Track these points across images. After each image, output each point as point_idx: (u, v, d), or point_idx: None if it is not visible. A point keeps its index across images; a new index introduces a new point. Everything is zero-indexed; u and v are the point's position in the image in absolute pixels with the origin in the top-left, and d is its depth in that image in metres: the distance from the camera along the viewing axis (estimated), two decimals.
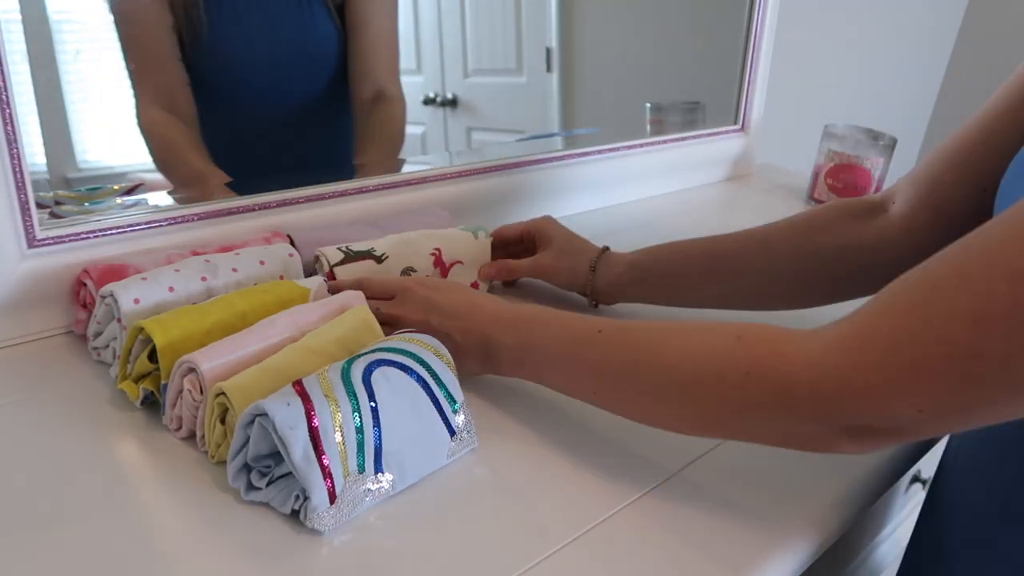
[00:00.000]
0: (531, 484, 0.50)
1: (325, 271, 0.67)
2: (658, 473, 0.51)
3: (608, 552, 0.44)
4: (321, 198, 0.79)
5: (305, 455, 0.43)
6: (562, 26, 1.25)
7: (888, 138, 1.11)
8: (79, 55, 0.73)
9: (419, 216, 0.82)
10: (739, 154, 1.27)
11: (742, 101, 1.24)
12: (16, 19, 0.64)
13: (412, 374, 0.49)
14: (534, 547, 0.44)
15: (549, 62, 1.25)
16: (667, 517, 0.47)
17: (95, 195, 0.72)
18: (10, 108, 0.58)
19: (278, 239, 0.71)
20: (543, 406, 0.59)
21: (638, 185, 1.13)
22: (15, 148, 0.59)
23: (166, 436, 0.53)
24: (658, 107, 1.27)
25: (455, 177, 0.90)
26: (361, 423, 0.45)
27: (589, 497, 0.49)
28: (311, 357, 0.51)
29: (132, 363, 0.54)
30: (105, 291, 0.57)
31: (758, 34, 1.20)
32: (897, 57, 1.86)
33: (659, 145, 1.14)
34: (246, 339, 0.52)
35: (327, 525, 0.44)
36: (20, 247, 0.62)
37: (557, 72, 1.26)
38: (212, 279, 0.62)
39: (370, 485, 0.46)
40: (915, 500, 0.86)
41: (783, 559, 0.45)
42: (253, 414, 0.44)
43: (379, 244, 0.71)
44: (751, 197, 1.21)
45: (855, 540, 0.74)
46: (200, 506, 0.46)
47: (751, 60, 1.21)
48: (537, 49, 1.24)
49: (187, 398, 0.50)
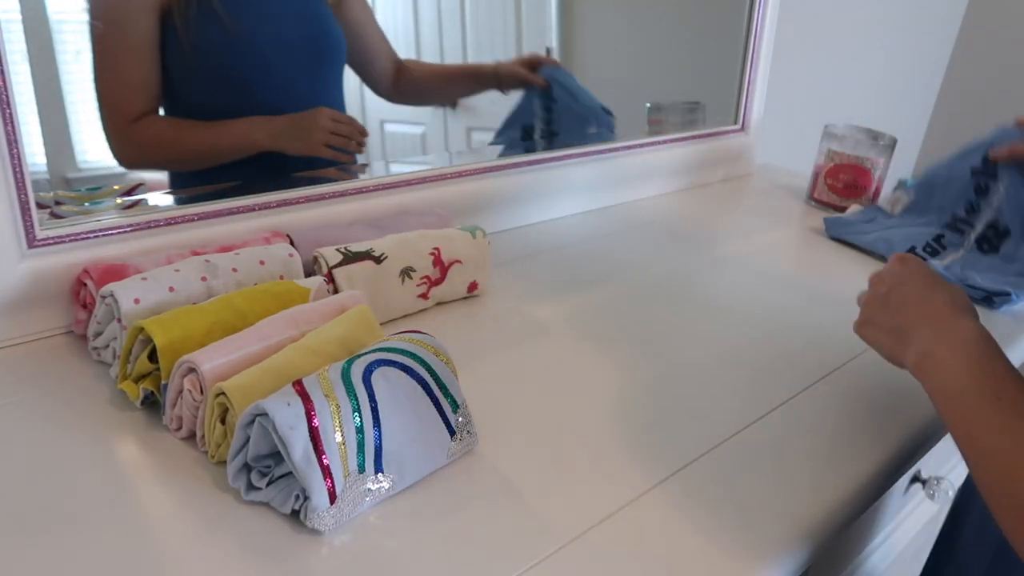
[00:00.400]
0: (531, 484, 0.50)
1: (323, 272, 0.67)
2: (656, 475, 0.51)
3: (607, 552, 0.44)
4: (321, 198, 0.80)
5: (305, 455, 0.43)
6: (562, 26, 1.24)
7: (888, 138, 1.11)
8: (79, 55, 0.73)
9: (419, 216, 0.82)
10: (739, 154, 1.27)
11: (742, 101, 1.24)
12: (16, 19, 0.64)
13: (412, 374, 0.49)
14: (534, 547, 0.44)
15: None
16: (666, 518, 0.47)
17: (95, 195, 0.72)
18: (10, 108, 0.58)
19: (278, 239, 0.71)
20: (543, 406, 0.59)
21: (638, 185, 1.13)
22: (15, 148, 0.59)
23: (166, 436, 0.53)
24: (658, 107, 1.27)
25: (455, 177, 0.90)
26: (361, 423, 0.45)
27: (589, 498, 0.49)
28: (311, 357, 0.51)
29: (132, 363, 0.54)
30: (105, 291, 0.57)
31: (758, 34, 1.20)
32: (897, 57, 1.86)
33: (659, 145, 1.14)
34: (246, 339, 0.52)
35: (327, 525, 0.44)
36: (20, 247, 0.62)
37: None
38: (212, 279, 0.62)
39: (370, 485, 0.46)
40: (915, 500, 0.86)
41: (782, 559, 0.46)
42: (253, 414, 0.44)
43: (378, 244, 0.71)
44: (751, 197, 1.21)
45: (853, 542, 0.74)
46: (200, 506, 0.46)
47: (751, 60, 1.21)
48: (537, 49, 1.24)
49: (187, 398, 0.50)
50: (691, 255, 0.94)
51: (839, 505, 0.50)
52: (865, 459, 0.55)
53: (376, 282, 0.69)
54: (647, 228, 1.03)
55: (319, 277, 0.65)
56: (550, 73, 1.04)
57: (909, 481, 0.78)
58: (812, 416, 0.60)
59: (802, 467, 0.53)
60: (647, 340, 0.71)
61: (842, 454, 0.55)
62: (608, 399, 0.61)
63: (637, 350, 0.69)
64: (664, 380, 0.64)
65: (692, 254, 0.95)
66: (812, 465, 0.54)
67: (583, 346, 0.69)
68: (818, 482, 0.52)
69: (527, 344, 0.69)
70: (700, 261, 0.92)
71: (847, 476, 0.53)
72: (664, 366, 0.66)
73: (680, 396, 0.61)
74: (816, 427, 0.58)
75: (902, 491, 0.80)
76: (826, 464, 0.54)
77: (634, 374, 0.65)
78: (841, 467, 0.54)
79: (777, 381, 0.64)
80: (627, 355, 0.68)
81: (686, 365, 0.67)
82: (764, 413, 0.59)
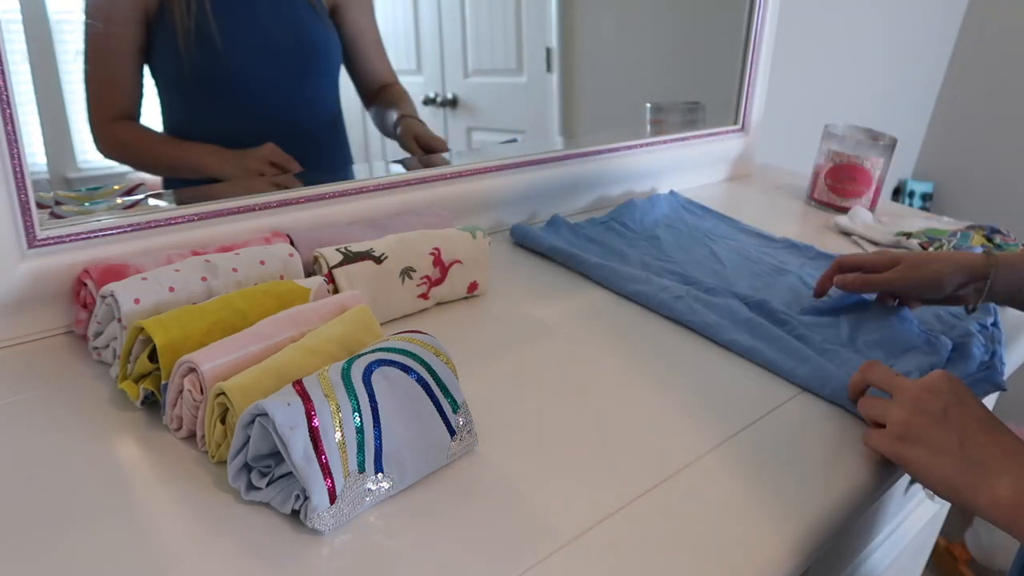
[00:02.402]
0: (531, 484, 0.50)
1: (324, 272, 0.67)
2: (656, 474, 0.51)
3: (608, 552, 0.44)
4: (321, 198, 0.80)
5: (305, 455, 0.43)
6: (562, 26, 1.24)
7: (888, 138, 1.11)
8: (79, 55, 0.73)
9: (419, 216, 0.82)
10: (739, 154, 1.27)
11: (742, 101, 1.24)
12: (16, 19, 0.64)
13: (412, 374, 0.49)
14: (534, 547, 0.44)
15: (549, 62, 1.25)
16: (665, 519, 0.47)
17: (95, 195, 0.72)
18: (10, 108, 0.58)
19: (278, 239, 0.71)
20: (543, 406, 0.59)
21: (638, 185, 1.13)
22: (15, 148, 0.59)
23: (166, 436, 0.53)
24: (658, 107, 1.27)
25: (455, 177, 0.90)
26: (361, 423, 0.45)
27: (589, 497, 0.49)
28: (311, 357, 0.51)
29: (132, 363, 0.54)
30: (105, 291, 0.57)
31: (758, 34, 1.20)
32: (897, 57, 1.86)
33: (659, 145, 1.14)
34: (246, 339, 0.52)
35: (327, 525, 0.44)
36: (20, 247, 0.62)
37: (557, 72, 1.26)
38: (212, 279, 0.62)
39: (370, 485, 0.46)
40: (915, 500, 0.86)
41: (783, 559, 0.46)
42: (253, 414, 0.44)
43: (378, 245, 0.71)
44: (751, 197, 1.21)
45: (853, 542, 0.74)
46: (200, 506, 0.46)
47: (751, 60, 1.21)
48: (537, 49, 1.24)
49: (187, 398, 0.50)
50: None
51: (839, 505, 0.50)
52: (865, 458, 0.55)
53: (376, 282, 0.69)
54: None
55: (319, 277, 0.65)
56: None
57: (909, 481, 0.78)
58: (812, 416, 0.60)
59: (802, 467, 0.53)
60: (647, 340, 0.71)
61: (842, 453, 0.55)
62: (608, 399, 0.61)
63: (637, 350, 0.69)
64: (664, 379, 0.64)
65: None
66: (812, 465, 0.54)
67: (583, 346, 0.69)
68: (818, 482, 0.52)
69: (527, 344, 0.69)
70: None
71: (847, 476, 0.53)
72: (664, 365, 0.66)
73: (680, 395, 0.61)
74: (816, 427, 0.58)
75: (902, 491, 0.80)
76: (826, 464, 0.54)
77: (634, 374, 0.65)
78: (841, 466, 0.54)
79: (777, 380, 0.64)
80: (627, 355, 0.68)
81: (687, 364, 0.66)
82: (764, 413, 0.59)
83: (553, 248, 0.88)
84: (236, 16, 0.81)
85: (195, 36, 0.78)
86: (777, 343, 0.68)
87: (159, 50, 0.79)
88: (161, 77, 0.80)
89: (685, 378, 0.64)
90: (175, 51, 0.79)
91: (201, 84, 0.82)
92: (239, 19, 0.82)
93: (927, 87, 2.05)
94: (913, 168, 2.16)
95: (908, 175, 2.15)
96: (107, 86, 0.78)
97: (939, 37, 1.98)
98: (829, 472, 0.53)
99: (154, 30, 0.77)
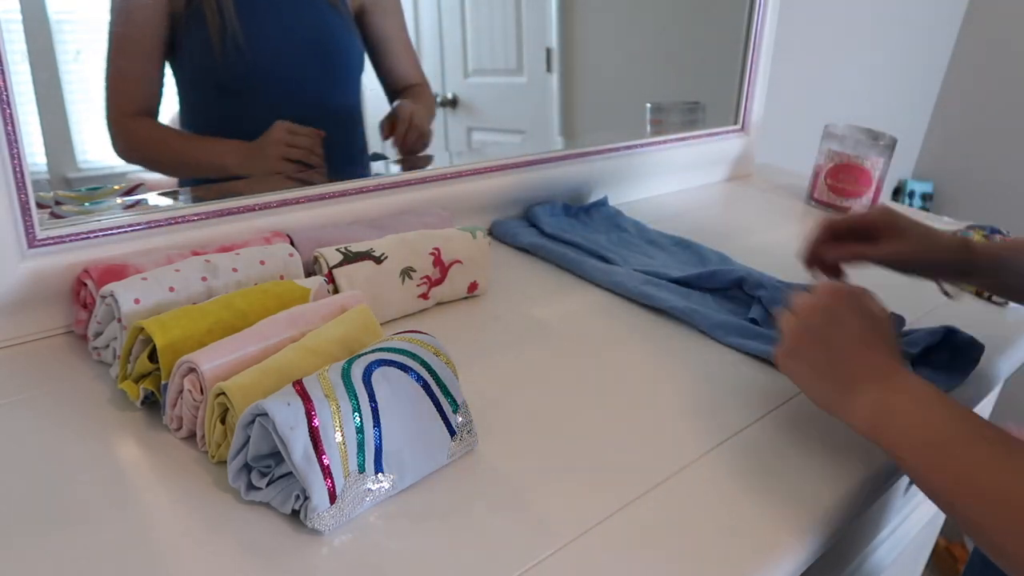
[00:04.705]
0: (531, 484, 0.50)
1: (324, 272, 0.67)
2: (656, 474, 0.51)
3: (608, 552, 0.44)
4: (321, 198, 0.80)
5: (305, 455, 0.43)
6: (562, 26, 1.24)
7: (888, 138, 1.11)
8: (79, 55, 0.73)
9: (419, 216, 0.82)
10: (739, 154, 1.27)
11: (742, 101, 1.24)
12: (16, 19, 0.64)
13: (412, 374, 0.49)
14: (534, 547, 0.44)
15: (549, 62, 1.25)
16: (665, 518, 0.47)
17: (95, 195, 0.72)
18: (10, 108, 0.58)
19: (278, 239, 0.71)
20: (543, 406, 0.59)
21: (638, 185, 1.13)
22: (15, 148, 0.59)
23: (166, 436, 0.53)
24: (658, 107, 1.27)
25: (455, 177, 0.90)
26: (361, 423, 0.45)
27: (589, 497, 0.49)
28: (311, 357, 0.51)
29: (132, 363, 0.54)
30: (105, 291, 0.57)
31: (758, 34, 1.20)
32: (897, 57, 1.86)
33: (659, 145, 1.14)
34: (246, 339, 0.52)
35: (327, 525, 0.44)
36: (20, 247, 0.62)
37: (557, 72, 1.26)
38: (212, 279, 0.62)
39: (370, 485, 0.46)
40: (915, 500, 0.86)
41: (783, 559, 0.46)
42: (253, 414, 0.44)
43: (378, 245, 0.71)
44: (751, 197, 1.21)
45: (853, 541, 0.74)
46: (200, 506, 0.46)
47: (751, 60, 1.21)
48: (537, 49, 1.24)
49: (187, 398, 0.50)
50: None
51: (839, 505, 0.50)
52: (865, 458, 0.55)
53: (376, 282, 0.69)
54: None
55: (319, 277, 0.65)
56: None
57: (910, 481, 0.78)
58: (813, 415, 0.60)
59: (802, 466, 0.53)
60: (647, 339, 0.71)
61: (843, 453, 0.55)
62: (608, 399, 0.61)
63: (637, 349, 0.69)
64: (665, 379, 0.64)
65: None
66: (813, 464, 0.54)
67: (583, 346, 0.69)
68: (818, 481, 0.52)
69: (527, 344, 0.69)
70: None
71: (848, 475, 0.53)
72: (665, 365, 0.66)
73: (681, 395, 0.61)
74: (816, 427, 0.58)
75: (902, 491, 0.80)
76: (826, 463, 0.54)
77: (635, 373, 0.65)
78: (841, 466, 0.54)
79: (776, 380, 0.64)
80: (627, 355, 0.68)
81: (687, 364, 0.66)
82: (764, 413, 0.59)
83: (534, 245, 0.89)
84: (259, 15, 0.82)
85: (221, 34, 0.78)
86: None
87: (184, 46, 0.79)
88: (183, 74, 0.80)
89: (685, 377, 0.64)
90: (201, 48, 0.79)
91: (224, 81, 0.82)
92: (262, 18, 0.82)
93: (927, 87, 2.05)
94: (913, 168, 2.16)
95: (908, 175, 2.15)
96: (129, 82, 0.78)
97: (939, 37, 1.98)
98: (829, 472, 0.53)
99: (180, 26, 0.77)
